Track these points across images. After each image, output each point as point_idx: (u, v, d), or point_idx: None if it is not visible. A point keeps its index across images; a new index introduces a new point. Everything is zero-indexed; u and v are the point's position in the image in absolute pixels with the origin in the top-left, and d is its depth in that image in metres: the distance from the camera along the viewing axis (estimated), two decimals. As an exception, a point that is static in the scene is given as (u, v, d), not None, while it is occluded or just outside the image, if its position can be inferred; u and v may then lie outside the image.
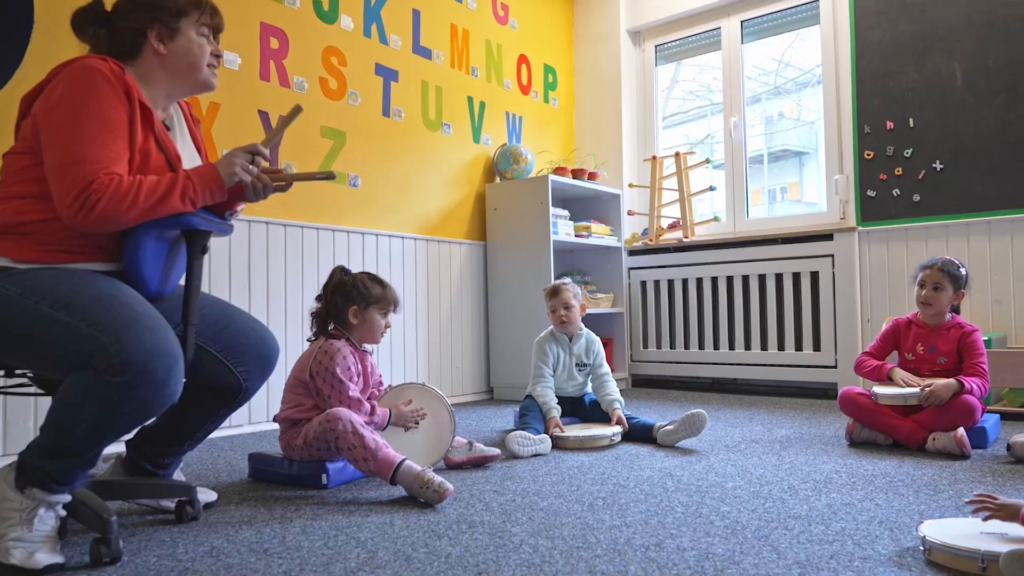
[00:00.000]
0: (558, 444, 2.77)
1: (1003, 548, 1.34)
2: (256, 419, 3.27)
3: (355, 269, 2.42)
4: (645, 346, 4.75)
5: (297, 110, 1.88)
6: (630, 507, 1.91)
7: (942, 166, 3.78)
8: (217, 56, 1.86)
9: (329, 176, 1.90)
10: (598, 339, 3.19)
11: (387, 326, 2.39)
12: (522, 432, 2.66)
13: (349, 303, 2.31)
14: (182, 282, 1.77)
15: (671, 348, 4.65)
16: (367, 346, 2.41)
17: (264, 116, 3.34)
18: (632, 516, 1.82)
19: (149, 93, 1.76)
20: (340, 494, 2.11)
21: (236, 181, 1.73)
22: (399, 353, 3.93)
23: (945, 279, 2.78)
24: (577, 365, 3.11)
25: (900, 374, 2.77)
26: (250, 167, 1.74)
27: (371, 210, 3.82)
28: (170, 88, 1.81)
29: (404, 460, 2.03)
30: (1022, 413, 3.22)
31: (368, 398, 2.36)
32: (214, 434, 3.03)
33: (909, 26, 3.90)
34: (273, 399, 2.81)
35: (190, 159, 1.85)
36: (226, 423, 3.09)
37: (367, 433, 2.08)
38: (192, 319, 1.73)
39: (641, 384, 4.78)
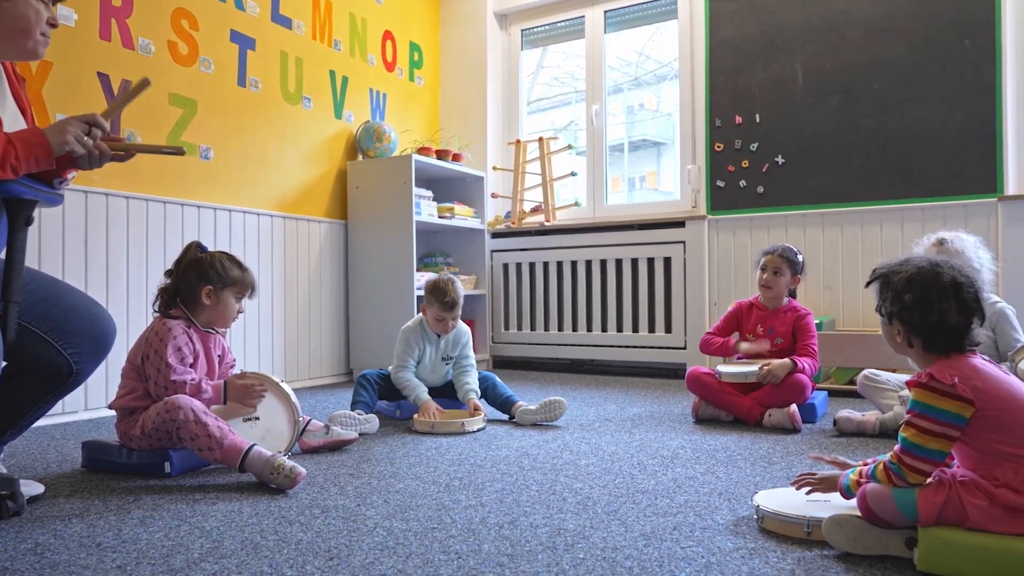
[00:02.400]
0: (420, 428, 2.73)
1: (825, 514, 1.45)
2: (93, 405, 3.05)
3: (207, 246, 2.29)
4: (506, 328, 4.81)
5: (145, 83, 1.76)
6: (486, 486, 1.93)
7: (784, 160, 4.04)
8: (52, 25, 1.70)
9: (178, 152, 1.80)
10: (467, 331, 3.08)
11: (240, 311, 2.28)
12: (346, 412, 2.67)
13: (204, 282, 2.17)
14: (2, 256, 1.61)
15: (531, 330, 4.73)
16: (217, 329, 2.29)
17: (104, 79, 3.10)
18: (488, 495, 1.84)
19: (-35, 50, 1.58)
20: (185, 482, 2.00)
21: (67, 151, 1.58)
22: (253, 334, 3.77)
23: (784, 264, 2.98)
24: (443, 358, 3.01)
25: (744, 345, 2.99)
26: (85, 139, 1.61)
27: (224, 184, 3.63)
28: None
29: (253, 446, 1.96)
30: (847, 390, 3.50)
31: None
32: (44, 422, 2.81)
33: (758, 27, 4.12)
34: (112, 383, 2.63)
35: (12, 121, 1.68)
36: (58, 409, 2.89)
37: (211, 421, 1.98)
38: (14, 297, 1.58)
39: (502, 365, 4.84)
